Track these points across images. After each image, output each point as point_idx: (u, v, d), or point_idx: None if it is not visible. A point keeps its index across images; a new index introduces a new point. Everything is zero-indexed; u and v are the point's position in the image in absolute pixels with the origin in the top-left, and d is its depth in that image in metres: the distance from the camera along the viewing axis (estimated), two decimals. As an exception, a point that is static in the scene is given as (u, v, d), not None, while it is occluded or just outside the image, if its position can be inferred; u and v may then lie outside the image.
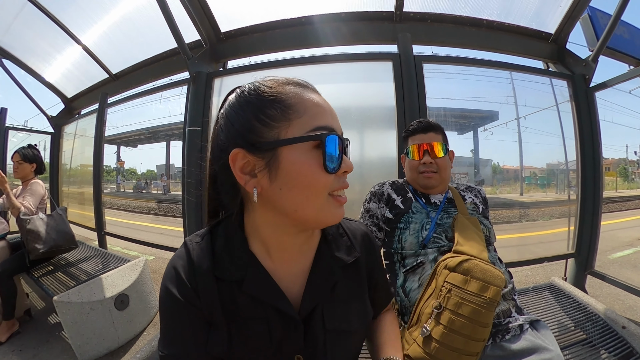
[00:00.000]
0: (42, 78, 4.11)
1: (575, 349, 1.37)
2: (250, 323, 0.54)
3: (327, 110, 0.55)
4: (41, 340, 2.17)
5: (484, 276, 0.89)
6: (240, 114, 0.52)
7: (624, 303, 2.75)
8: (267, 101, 0.51)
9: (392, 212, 1.23)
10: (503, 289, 0.92)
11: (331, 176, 0.51)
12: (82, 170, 4.35)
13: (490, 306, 0.86)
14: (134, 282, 2.28)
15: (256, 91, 0.53)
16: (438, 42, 2.60)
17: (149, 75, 3.41)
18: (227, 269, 0.55)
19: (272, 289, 0.56)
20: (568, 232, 2.60)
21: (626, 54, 4.75)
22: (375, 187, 1.34)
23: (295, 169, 0.50)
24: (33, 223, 2.25)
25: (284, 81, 0.55)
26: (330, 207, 0.53)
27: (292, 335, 0.55)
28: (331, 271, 0.61)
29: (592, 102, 2.44)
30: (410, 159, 1.31)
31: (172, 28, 2.18)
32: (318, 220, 0.54)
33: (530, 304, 1.78)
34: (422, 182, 1.27)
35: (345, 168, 0.54)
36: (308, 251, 0.62)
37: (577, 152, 2.51)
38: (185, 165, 2.43)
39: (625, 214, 9.88)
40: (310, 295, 0.58)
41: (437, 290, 0.93)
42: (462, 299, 0.87)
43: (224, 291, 0.55)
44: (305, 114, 0.51)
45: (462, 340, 0.83)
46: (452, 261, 0.95)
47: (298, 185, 0.50)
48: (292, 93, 0.53)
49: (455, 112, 12.38)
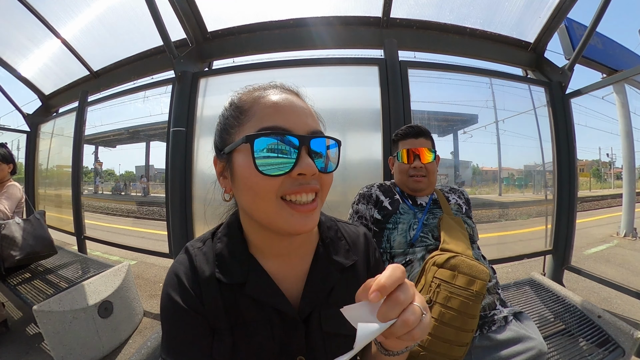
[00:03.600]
0: (18, 73, 3.92)
1: (555, 338, 1.46)
2: (254, 326, 0.55)
3: (280, 110, 0.51)
4: (20, 353, 2.05)
5: (470, 271, 0.95)
6: (218, 124, 0.58)
7: (599, 295, 2.93)
8: (231, 110, 0.55)
9: (381, 213, 1.28)
10: (488, 282, 0.97)
11: (274, 178, 0.47)
12: (59, 171, 4.18)
13: (477, 298, 0.91)
14: (118, 288, 2.21)
15: (229, 102, 0.57)
16: (423, 48, 2.68)
17: (131, 73, 3.31)
18: (229, 272, 0.56)
19: (274, 291, 0.56)
20: (545, 230, 2.73)
21: (600, 63, 5.04)
22: (363, 189, 1.38)
23: (240, 172, 0.50)
24: (8, 228, 2.13)
25: (258, 87, 0.56)
26: (284, 213, 0.49)
27: (294, 336, 0.56)
28: (329, 275, 0.61)
29: (567, 107, 2.58)
30: (400, 162, 1.35)
31: (158, 25, 2.13)
32: (274, 226, 0.50)
33: (512, 299, 1.87)
34: (412, 185, 1.32)
35: (299, 169, 0.47)
36: (305, 255, 0.62)
37: (553, 154, 2.65)
38: (170, 167, 2.37)
39: (598, 212, 10.49)
40: (307, 298, 0.58)
41: (427, 286, 0.98)
42: (451, 293, 0.92)
43: (227, 295, 0.55)
44: (254, 116, 0.51)
45: (452, 332, 0.88)
46: (440, 258, 1.00)
47: (243, 187, 0.50)
48: (251, 98, 0.53)
49: (437, 116, 12.61)
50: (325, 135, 0.53)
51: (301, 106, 0.54)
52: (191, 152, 2.37)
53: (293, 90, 0.58)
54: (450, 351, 0.88)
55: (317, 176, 0.51)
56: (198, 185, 2.38)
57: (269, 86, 0.56)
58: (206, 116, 2.43)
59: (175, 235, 2.40)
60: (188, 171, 2.36)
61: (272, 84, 0.57)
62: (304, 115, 0.53)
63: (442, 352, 0.88)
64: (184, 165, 2.35)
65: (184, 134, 2.35)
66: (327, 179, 0.54)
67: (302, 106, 0.54)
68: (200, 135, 2.41)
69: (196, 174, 2.38)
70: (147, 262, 4.15)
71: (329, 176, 0.54)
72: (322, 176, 0.52)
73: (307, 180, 0.49)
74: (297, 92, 0.58)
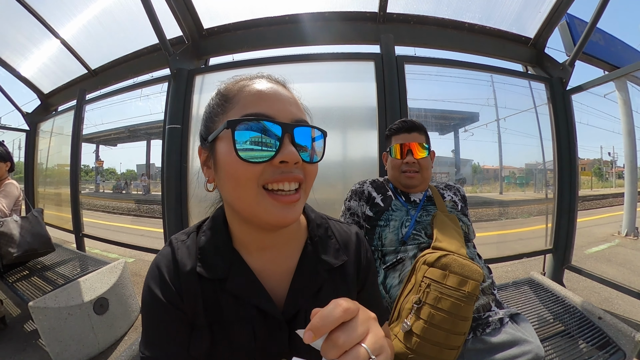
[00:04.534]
0: (17, 72, 3.93)
1: (555, 340, 1.43)
2: (234, 323, 0.53)
3: (265, 97, 0.49)
4: (17, 349, 2.06)
5: (462, 271, 0.91)
6: (204, 113, 0.57)
7: (599, 295, 2.89)
8: (217, 99, 0.54)
9: (373, 210, 1.25)
10: (482, 283, 0.94)
11: (255, 165, 0.46)
12: (59, 170, 4.18)
13: (469, 300, 0.88)
14: (114, 285, 2.21)
15: (216, 91, 0.56)
16: (420, 44, 2.64)
17: (129, 71, 3.31)
18: (211, 267, 0.54)
19: (256, 288, 0.54)
20: (546, 229, 2.70)
21: (601, 59, 5.00)
22: (356, 186, 1.35)
23: (222, 159, 0.49)
24: (6, 226, 2.14)
25: (244, 77, 0.55)
26: (265, 203, 0.47)
27: (276, 337, 0.54)
28: (316, 274, 0.59)
29: (568, 104, 2.54)
30: (392, 157, 1.32)
31: (154, 23, 2.12)
32: (255, 217, 0.49)
33: (510, 299, 1.84)
34: (404, 181, 1.29)
35: (281, 157, 0.46)
36: (292, 252, 0.60)
37: (554, 152, 2.61)
38: (165, 164, 2.36)
39: (599, 211, 10.45)
40: (293, 297, 0.56)
41: (417, 286, 0.94)
42: (441, 294, 0.88)
43: (208, 291, 0.53)
44: (238, 104, 0.50)
45: (442, 334, 0.85)
46: (431, 256, 0.96)
47: (225, 175, 0.49)
48: (236, 87, 0.52)
49: (436, 113, 12.58)
50: (311, 125, 0.51)
51: (287, 95, 0.52)
52: (187, 149, 2.36)
53: (279, 81, 0.56)
54: (440, 354, 0.85)
55: (300, 165, 0.48)
56: (194, 183, 2.37)
57: (255, 76, 0.55)
58: (202, 113, 2.40)
59: (171, 232, 2.36)
60: (184, 168, 2.35)
61: (259, 74, 0.56)
62: (289, 103, 0.51)
63: (432, 355, 0.85)
64: (180, 162, 2.34)
65: (179, 132, 2.34)
66: (312, 169, 0.52)
67: (287, 95, 0.53)
68: (195, 132, 2.39)
69: (192, 171, 2.37)
70: (145, 259, 4.15)
71: (313, 166, 0.52)
72: (306, 166, 0.50)
73: (290, 168, 0.47)
74: (284, 83, 0.57)
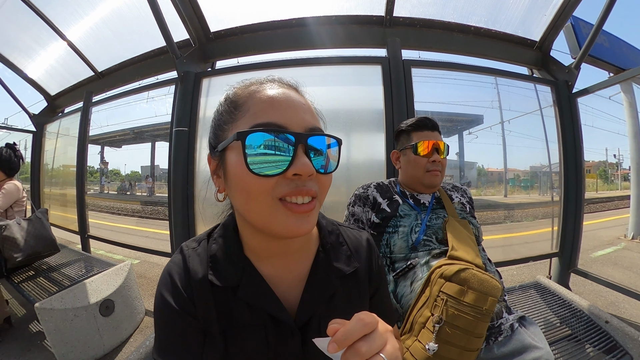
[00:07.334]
0: (25, 74, 3.97)
1: (562, 344, 1.42)
2: (247, 331, 0.53)
3: (276, 104, 0.47)
4: (23, 350, 2.07)
5: (482, 287, 0.86)
6: (212, 120, 0.55)
7: (606, 299, 2.86)
8: (226, 105, 0.52)
9: (379, 216, 1.19)
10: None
11: (268, 179, 0.44)
12: (64, 170, 4.21)
13: (485, 317, 0.85)
14: (119, 287, 2.21)
15: (225, 97, 0.54)
16: (426, 47, 2.65)
17: (135, 74, 3.33)
18: (222, 274, 0.53)
19: (268, 295, 0.54)
20: (552, 232, 2.68)
21: (607, 62, 4.98)
22: (359, 190, 1.28)
23: (232, 171, 0.47)
24: (9, 230, 2.12)
25: (254, 81, 0.53)
26: (279, 215, 0.45)
27: (289, 344, 0.54)
28: (329, 281, 0.58)
29: (574, 107, 2.53)
30: (417, 155, 1.23)
31: (161, 26, 2.14)
32: (269, 229, 0.47)
33: (517, 302, 1.83)
34: (428, 180, 1.22)
35: (294, 170, 0.44)
36: (304, 259, 0.59)
37: (560, 155, 2.60)
38: (172, 167, 2.38)
39: (605, 214, 10.36)
40: (306, 304, 0.55)
41: (432, 300, 0.90)
42: (458, 311, 0.85)
43: (220, 298, 0.53)
44: (249, 111, 0.47)
45: (456, 351, 0.83)
46: (449, 270, 0.91)
47: (236, 187, 0.47)
48: (246, 93, 0.50)
49: (441, 116, 12.59)
50: (325, 133, 0.49)
51: (299, 101, 0.50)
52: (193, 152, 2.38)
53: (292, 84, 0.54)
54: None
55: (314, 177, 0.46)
56: (200, 186, 2.38)
57: (266, 80, 0.52)
58: (209, 116, 2.42)
59: (178, 235, 2.40)
60: (190, 171, 2.36)
61: (269, 77, 0.53)
62: (302, 111, 0.49)
63: None
64: (187, 165, 2.35)
65: (186, 134, 2.36)
66: (326, 180, 0.50)
67: (300, 101, 0.50)
68: (202, 135, 2.41)
69: (198, 174, 2.38)
70: (150, 261, 4.17)
71: (327, 177, 0.50)
72: (320, 177, 0.48)
73: (304, 181, 0.45)
74: (296, 87, 0.55)
